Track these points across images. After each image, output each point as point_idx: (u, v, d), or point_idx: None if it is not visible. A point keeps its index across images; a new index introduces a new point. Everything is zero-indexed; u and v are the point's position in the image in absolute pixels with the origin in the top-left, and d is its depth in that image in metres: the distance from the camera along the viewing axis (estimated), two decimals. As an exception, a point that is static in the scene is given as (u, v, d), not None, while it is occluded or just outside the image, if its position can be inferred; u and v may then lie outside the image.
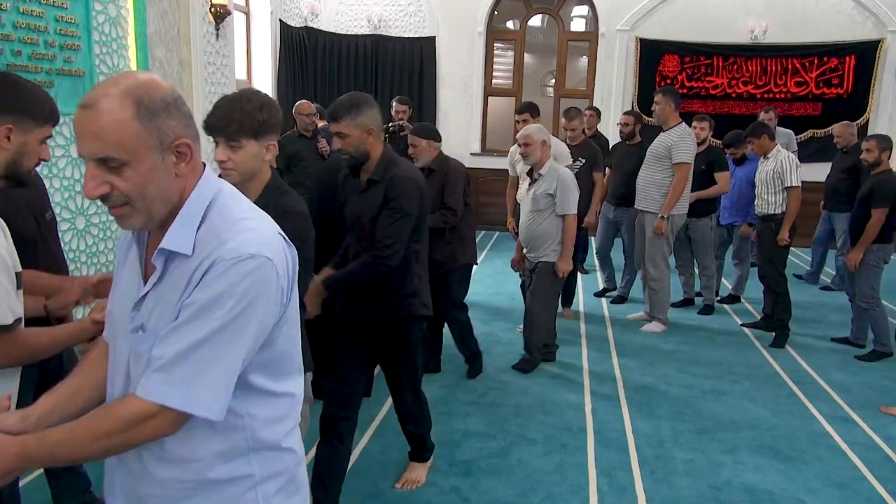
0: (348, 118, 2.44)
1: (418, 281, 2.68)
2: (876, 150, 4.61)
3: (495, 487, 2.97)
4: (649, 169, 5.03)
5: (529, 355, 4.37)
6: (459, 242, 3.96)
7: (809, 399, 4.01)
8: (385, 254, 2.48)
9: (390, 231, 2.48)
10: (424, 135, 3.89)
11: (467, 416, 3.66)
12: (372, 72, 8.92)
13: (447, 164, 3.90)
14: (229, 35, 6.37)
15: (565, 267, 4.19)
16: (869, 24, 8.26)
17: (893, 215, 4.54)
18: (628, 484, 3.03)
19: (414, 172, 2.63)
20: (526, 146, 4.18)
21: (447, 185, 3.83)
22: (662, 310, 5.19)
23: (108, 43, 4.75)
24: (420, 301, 2.69)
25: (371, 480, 2.98)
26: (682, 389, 4.11)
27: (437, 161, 3.88)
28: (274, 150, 2.08)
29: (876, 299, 4.65)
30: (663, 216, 4.92)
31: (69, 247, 4.47)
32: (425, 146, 3.85)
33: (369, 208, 2.53)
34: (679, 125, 4.93)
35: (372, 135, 2.48)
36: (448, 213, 3.83)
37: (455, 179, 3.86)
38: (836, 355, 4.76)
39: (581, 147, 5.26)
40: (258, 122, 1.99)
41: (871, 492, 3.03)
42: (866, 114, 8.34)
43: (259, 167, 2.07)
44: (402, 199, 2.48)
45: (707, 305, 5.68)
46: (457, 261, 3.96)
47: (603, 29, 8.73)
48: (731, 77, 8.54)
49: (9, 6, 3.90)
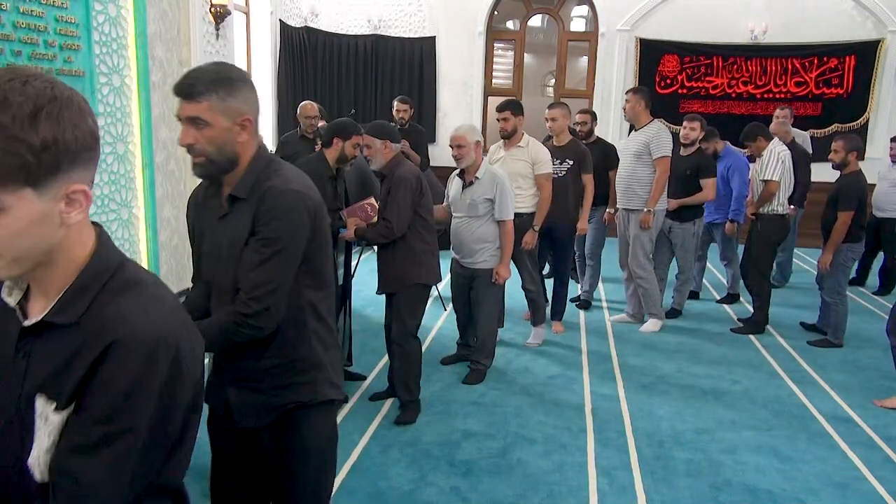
0: (213, 97, 1.58)
1: (322, 349, 1.82)
2: (842, 151, 4.67)
3: (495, 487, 2.97)
4: (629, 167, 5.00)
5: (481, 365, 4.18)
6: (410, 260, 3.47)
7: (809, 399, 4.01)
8: (250, 310, 1.64)
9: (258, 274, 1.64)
10: (379, 134, 3.44)
11: (467, 416, 3.65)
12: (372, 72, 8.92)
13: (395, 170, 3.43)
14: (229, 35, 6.37)
15: (505, 273, 4.01)
16: (869, 24, 8.26)
17: (861, 215, 4.64)
18: (628, 484, 3.03)
19: (298, 184, 1.71)
20: (459, 148, 3.92)
21: (390, 192, 3.39)
22: (656, 305, 5.16)
23: (108, 43, 4.75)
24: (326, 378, 1.82)
25: (371, 480, 2.97)
26: (682, 389, 4.11)
27: (391, 165, 3.45)
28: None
29: (842, 295, 4.83)
30: (649, 210, 4.91)
31: (69, 247, 4.47)
32: (380, 147, 3.42)
33: (232, 238, 1.70)
34: (652, 122, 4.95)
35: (247, 129, 1.65)
36: (383, 226, 3.41)
37: (398, 187, 3.37)
38: (836, 355, 4.76)
39: (568, 148, 4.95)
40: None
41: (871, 492, 3.03)
42: (866, 114, 8.34)
43: None
44: (274, 224, 1.64)
45: (673, 309, 5.56)
46: (406, 280, 3.49)
47: (603, 29, 8.72)
48: (731, 77, 8.54)
49: (9, 6, 3.90)
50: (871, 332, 5.26)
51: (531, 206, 4.52)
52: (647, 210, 4.93)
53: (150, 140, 5.19)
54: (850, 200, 4.59)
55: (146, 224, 5.25)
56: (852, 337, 5.14)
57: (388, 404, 3.76)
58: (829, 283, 4.83)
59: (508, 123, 4.52)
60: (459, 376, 4.17)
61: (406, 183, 3.38)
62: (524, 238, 4.46)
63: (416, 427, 3.50)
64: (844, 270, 4.80)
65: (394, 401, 3.79)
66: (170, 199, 5.54)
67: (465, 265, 4.05)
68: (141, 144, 5.15)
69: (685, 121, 5.36)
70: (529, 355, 4.58)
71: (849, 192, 4.61)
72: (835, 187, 4.74)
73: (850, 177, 4.68)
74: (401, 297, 3.51)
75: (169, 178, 5.52)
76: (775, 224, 5.00)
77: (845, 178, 4.70)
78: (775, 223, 5.00)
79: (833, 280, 4.79)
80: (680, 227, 5.30)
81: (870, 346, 4.97)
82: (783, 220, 5.03)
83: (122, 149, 4.99)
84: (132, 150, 5.11)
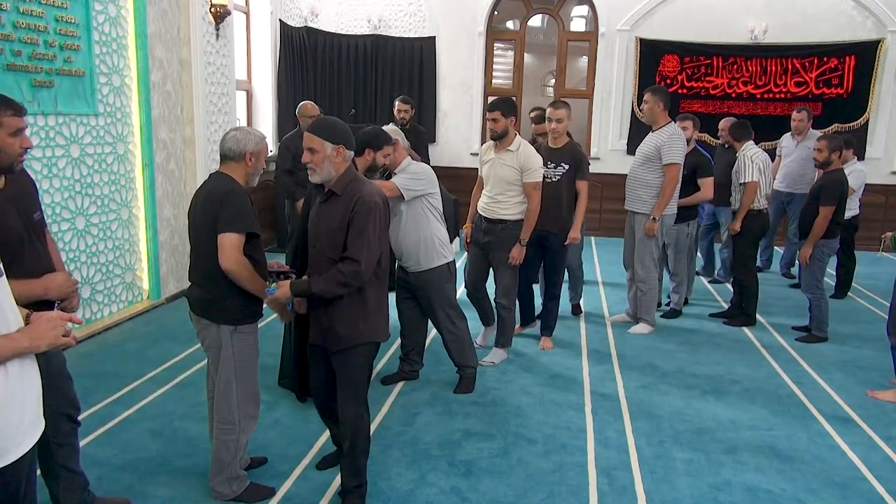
0: None
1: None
2: (826, 151, 4.80)
3: (495, 487, 2.97)
4: (638, 170, 4.95)
5: (465, 371, 4.00)
6: (363, 313, 2.59)
7: (809, 399, 4.01)
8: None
9: None
10: (332, 136, 2.50)
11: (467, 416, 3.65)
12: (372, 72, 8.91)
13: (352, 188, 2.50)
14: (229, 35, 6.37)
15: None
16: (869, 24, 8.26)
17: (839, 212, 4.80)
18: (628, 484, 3.03)
19: None
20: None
21: (352, 221, 2.45)
22: (650, 311, 5.13)
23: (108, 43, 4.75)
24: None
25: (371, 480, 2.97)
26: (682, 389, 4.11)
27: (344, 181, 2.52)
28: None
29: (820, 290, 4.96)
30: (654, 218, 4.86)
31: (69, 247, 4.48)
32: (330, 153, 2.49)
33: None
34: (668, 125, 4.89)
35: None
36: (349, 269, 2.44)
37: (365, 215, 2.45)
38: (836, 355, 4.77)
39: (565, 151, 4.59)
40: None
41: (871, 492, 3.03)
42: (866, 114, 8.34)
43: None
44: None
45: (673, 310, 5.56)
46: (355, 339, 2.59)
47: (603, 29, 8.72)
48: (731, 77, 8.54)
49: (9, 6, 3.90)
50: (872, 332, 5.26)
51: (517, 214, 4.21)
52: (653, 218, 4.87)
53: (150, 140, 5.20)
54: (831, 196, 4.74)
55: (146, 224, 5.25)
56: (852, 337, 5.15)
57: (389, 404, 3.77)
58: (807, 279, 4.96)
59: (498, 124, 4.14)
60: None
61: (375, 210, 2.47)
62: (511, 253, 4.21)
63: (416, 427, 3.50)
64: (821, 266, 4.92)
65: (395, 401, 3.80)
66: (170, 199, 5.54)
67: (409, 270, 3.84)
68: (141, 144, 5.15)
69: (678, 120, 5.33)
70: (529, 356, 4.57)
71: (831, 188, 4.75)
72: (817, 183, 4.93)
73: (832, 174, 4.82)
74: (347, 360, 2.61)
75: (169, 178, 5.52)
76: (756, 220, 5.26)
77: (828, 174, 4.84)
78: (756, 219, 5.25)
79: (810, 276, 4.92)
80: (674, 227, 5.29)
81: (870, 346, 4.97)
82: (762, 215, 5.28)
83: (122, 149, 4.99)
84: (132, 150, 5.11)
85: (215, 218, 2.52)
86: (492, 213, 4.27)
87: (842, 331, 5.22)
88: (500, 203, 4.22)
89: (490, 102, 4.28)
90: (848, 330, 5.28)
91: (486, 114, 4.27)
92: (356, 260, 2.44)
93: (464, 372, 4.01)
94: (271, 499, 2.82)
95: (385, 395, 3.89)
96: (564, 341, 4.88)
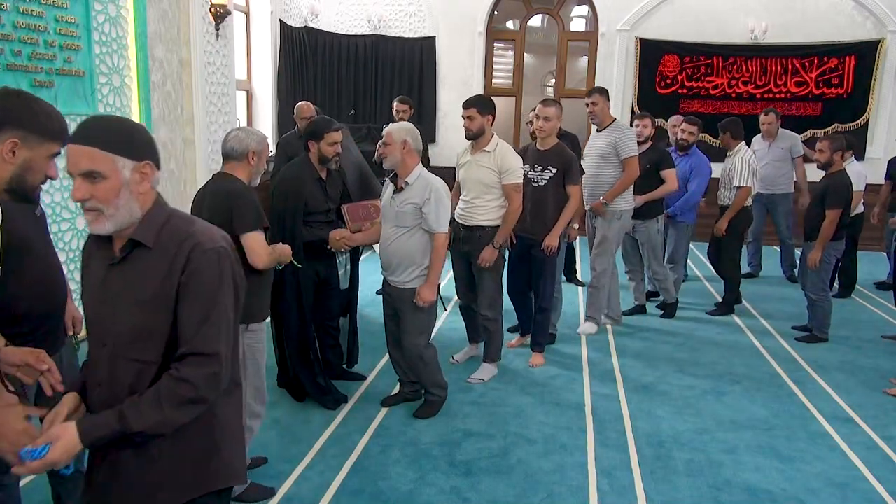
0: None
1: None
2: (828, 151, 4.77)
3: (495, 487, 2.97)
4: (596, 170, 4.90)
5: (432, 395, 3.68)
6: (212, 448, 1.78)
7: (809, 399, 4.01)
8: None
9: None
10: (123, 147, 1.50)
11: (467, 416, 3.65)
12: (372, 72, 8.91)
13: (187, 235, 1.60)
14: (229, 35, 6.37)
15: (428, 296, 3.36)
16: (869, 24, 8.26)
17: (845, 214, 4.79)
18: (628, 484, 3.03)
19: None
20: (385, 146, 3.38)
21: (187, 289, 1.51)
22: (598, 310, 5.07)
23: (108, 43, 4.75)
24: None
25: (371, 480, 2.98)
26: (682, 389, 4.11)
27: (156, 223, 1.60)
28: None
29: (826, 292, 4.97)
30: (605, 202, 4.81)
31: (69, 247, 4.47)
32: (130, 178, 1.53)
33: None
34: (615, 122, 4.92)
35: None
36: (193, 372, 1.47)
37: (211, 276, 1.52)
38: (836, 355, 4.77)
39: (553, 153, 4.26)
40: None
41: (871, 492, 3.03)
42: (866, 114, 8.34)
43: None
44: None
45: (668, 305, 5.54)
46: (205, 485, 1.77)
47: (603, 29, 8.72)
48: (731, 77, 8.54)
49: (9, 6, 3.90)
50: (872, 333, 5.26)
51: (496, 220, 3.94)
52: (602, 201, 4.81)
53: (150, 140, 5.19)
54: (838, 199, 4.71)
55: (146, 224, 5.24)
56: (852, 337, 5.15)
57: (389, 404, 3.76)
58: (813, 281, 4.95)
59: (473, 123, 3.88)
60: (460, 376, 4.17)
61: (226, 262, 1.55)
62: (481, 255, 3.92)
63: (416, 427, 3.50)
64: (827, 268, 4.93)
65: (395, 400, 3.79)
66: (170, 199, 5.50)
67: (392, 283, 3.49)
68: (141, 144, 5.14)
69: (636, 119, 5.42)
70: (529, 356, 4.57)
71: (837, 190, 4.73)
72: (822, 186, 4.84)
73: (836, 176, 4.79)
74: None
75: (169, 177, 5.51)
76: (741, 216, 5.44)
77: (832, 176, 4.80)
78: (741, 216, 5.44)
79: (816, 278, 4.92)
80: (643, 224, 5.29)
81: (870, 346, 4.97)
82: (747, 211, 5.48)
83: (122, 149, 4.98)
84: (132, 150, 5.10)
85: (228, 219, 2.52)
86: (469, 220, 4.01)
87: (842, 331, 5.22)
88: (477, 208, 3.97)
89: (466, 100, 3.97)
90: (848, 330, 5.28)
91: (462, 111, 3.95)
92: (208, 354, 1.46)
93: (430, 395, 3.69)
94: (271, 499, 2.82)
95: (381, 395, 3.88)
96: (564, 341, 4.88)
